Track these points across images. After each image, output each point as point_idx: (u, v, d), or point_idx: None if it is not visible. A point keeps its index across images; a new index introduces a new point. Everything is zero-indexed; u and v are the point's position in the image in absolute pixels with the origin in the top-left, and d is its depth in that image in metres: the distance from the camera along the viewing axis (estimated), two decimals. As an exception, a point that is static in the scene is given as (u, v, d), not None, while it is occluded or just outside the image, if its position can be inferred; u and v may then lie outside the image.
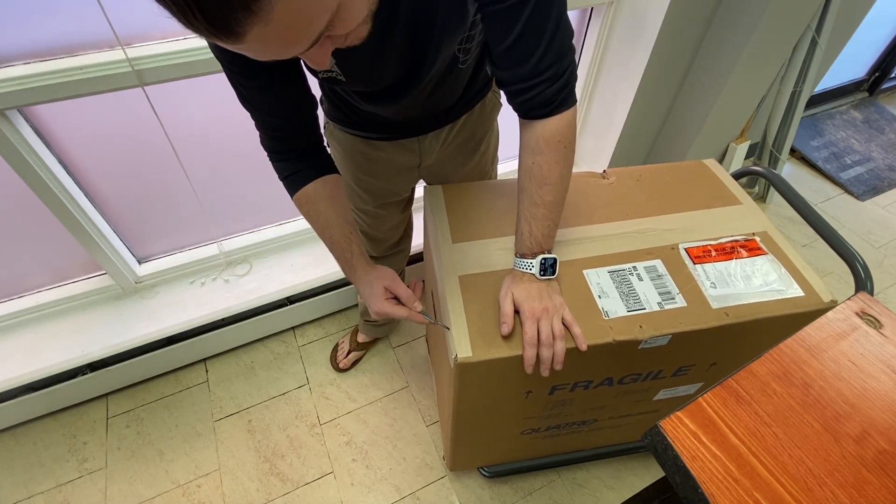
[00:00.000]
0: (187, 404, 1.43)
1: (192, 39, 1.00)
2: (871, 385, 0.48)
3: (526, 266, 0.76)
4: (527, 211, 0.74)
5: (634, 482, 1.29)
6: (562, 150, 0.70)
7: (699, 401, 0.47)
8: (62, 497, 1.26)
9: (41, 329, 1.34)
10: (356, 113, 0.85)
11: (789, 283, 0.81)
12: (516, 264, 0.77)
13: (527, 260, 0.76)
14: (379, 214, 1.07)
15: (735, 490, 0.42)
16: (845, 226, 1.99)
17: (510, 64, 0.64)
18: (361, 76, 0.69)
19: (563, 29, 0.62)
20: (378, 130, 0.89)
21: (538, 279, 0.75)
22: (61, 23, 0.91)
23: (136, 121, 1.09)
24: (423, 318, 0.75)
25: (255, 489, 1.27)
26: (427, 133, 0.91)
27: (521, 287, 0.75)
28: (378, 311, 0.75)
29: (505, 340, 0.75)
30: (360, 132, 0.90)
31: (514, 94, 0.68)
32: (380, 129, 0.88)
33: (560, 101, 0.67)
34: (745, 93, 1.60)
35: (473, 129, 0.96)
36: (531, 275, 0.76)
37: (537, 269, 0.75)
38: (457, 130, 0.94)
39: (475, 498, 1.26)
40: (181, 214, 1.35)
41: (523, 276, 0.76)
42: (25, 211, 1.14)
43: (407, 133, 0.90)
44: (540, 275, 0.75)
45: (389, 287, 0.76)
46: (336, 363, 1.50)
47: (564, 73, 0.65)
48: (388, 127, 0.88)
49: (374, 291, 0.76)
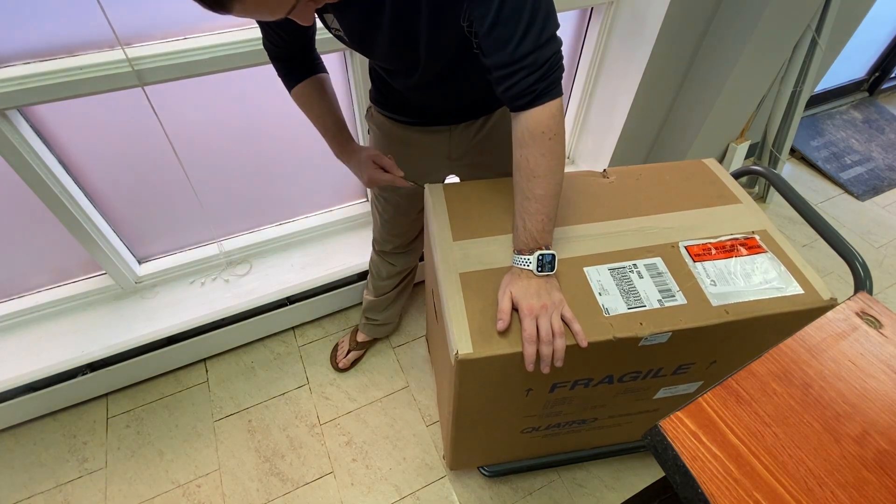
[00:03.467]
0: (187, 404, 1.43)
1: (192, 39, 1.00)
2: (871, 385, 0.48)
3: (523, 262, 0.75)
4: (520, 206, 0.75)
5: (634, 482, 1.29)
6: (546, 143, 0.70)
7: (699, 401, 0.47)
8: (62, 497, 1.26)
9: (41, 329, 1.34)
10: (392, 94, 0.92)
11: (789, 281, 0.81)
12: (514, 261, 0.77)
13: (524, 256, 0.75)
14: (401, 205, 1.11)
15: (735, 490, 0.42)
16: (845, 226, 1.99)
17: (490, 49, 0.66)
18: (356, 39, 0.75)
19: (542, 16, 0.63)
20: (411, 115, 0.95)
21: (536, 275, 0.75)
22: (61, 23, 0.91)
23: (136, 121, 1.09)
24: (405, 181, 0.90)
25: (255, 489, 1.27)
26: (458, 123, 0.95)
27: (519, 284, 0.75)
28: (369, 177, 0.90)
29: (503, 337, 0.75)
30: (396, 115, 0.96)
31: (496, 81, 0.69)
32: (412, 113, 0.94)
33: (541, 92, 0.67)
34: (745, 93, 1.60)
35: (504, 125, 0.96)
36: (529, 271, 0.75)
37: (535, 266, 0.74)
38: (490, 126, 0.96)
39: (475, 498, 1.26)
40: (181, 214, 1.35)
41: (521, 273, 0.76)
42: (26, 211, 1.14)
43: (437, 121, 0.94)
44: (538, 271, 0.74)
45: (375, 158, 0.90)
46: (335, 363, 1.50)
47: (545, 63, 0.66)
48: (419, 112, 0.93)
49: (363, 160, 0.91)
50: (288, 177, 1.40)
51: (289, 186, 1.43)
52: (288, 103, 0.92)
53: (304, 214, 1.54)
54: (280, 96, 0.92)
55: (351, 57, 1.18)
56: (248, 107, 1.20)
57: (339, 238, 1.56)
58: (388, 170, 0.90)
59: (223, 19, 1.01)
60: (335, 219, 1.55)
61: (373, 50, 0.77)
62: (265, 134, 1.26)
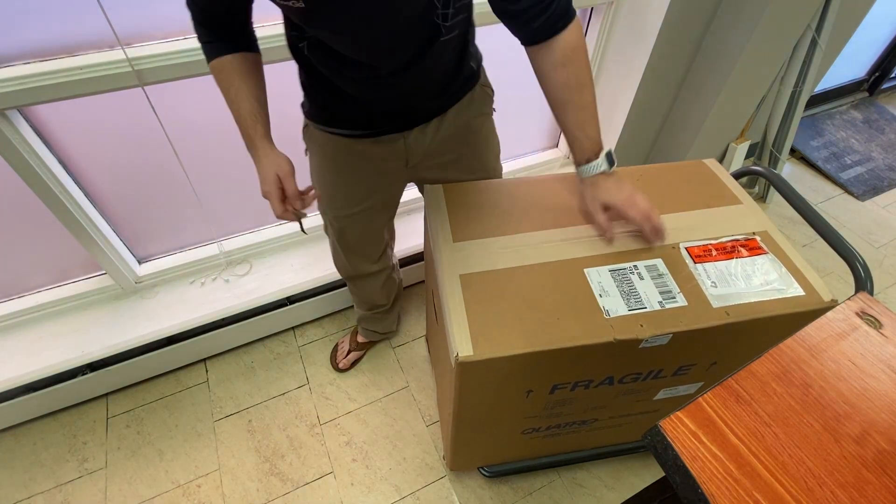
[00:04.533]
0: (187, 404, 1.43)
1: (192, 39, 1.00)
2: (871, 385, 0.48)
3: (595, 168, 0.83)
4: (575, 120, 0.81)
5: (634, 482, 1.29)
6: (583, 54, 0.78)
7: (699, 401, 0.47)
8: (62, 497, 1.26)
9: (41, 329, 1.34)
10: (337, 101, 0.85)
11: (789, 283, 0.81)
12: (586, 171, 0.84)
13: (594, 162, 0.83)
14: (358, 221, 1.05)
15: (735, 490, 0.42)
16: (845, 226, 1.99)
17: None
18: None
19: None
20: (358, 125, 0.89)
21: (608, 173, 0.84)
22: (61, 23, 0.91)
23: (135, 121, 1.09)
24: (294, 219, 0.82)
25: (255, 489, 1.27)
26: (412, 128, 0.90)
27: (603, 188, 0.84)
28: (263, 193, 0.81)
29: (608, 242, 0.80)
30: (341, 129, 0.90)
31: (535, 15, 0.73)
32: (361, 122, 0.88)
33: (572, 10, 0.75)
34: (745, 93, 1.60)
35: (467, 121, 0.95)
36: (602, 173, 0.83)
37: (606, 165, 0.83)
38: (446, 124, 0.92)
39: (475, 498, 1.26)
40: (181, 214, 1.35)
41: (597, 179, 0.84)
42: (26, 211, 1.14)
43: (390, 128, 0.90)
44: (608, 168, 0.83)
45: (282, 178, 0.80)
46: (336, 363, 1.50)
47: None
48: (368, 119, 0.88)
49: (267, 176, 0.80)
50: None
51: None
52: (288, 103, 0.91)
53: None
54: (280, 96, 0.91)
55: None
56: (249, 107, 1.19)
57: (339, 238, 1.56)
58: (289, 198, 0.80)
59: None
60: (335, 219, 1.55)
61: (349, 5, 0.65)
62: (265, 134, 1.26)
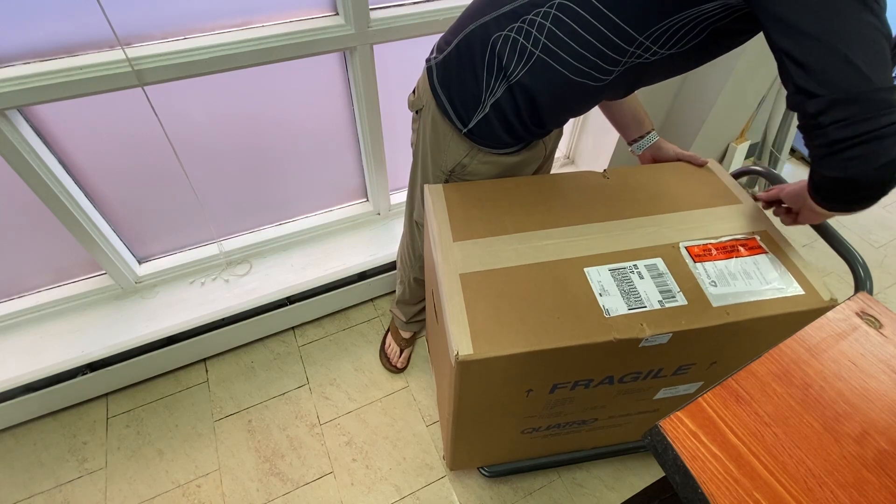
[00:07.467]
0: (187, 404, 1.43)
1: (192, 39, 1.00)
2: (871, 385, 0.48)
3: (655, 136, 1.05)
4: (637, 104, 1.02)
5: (634, 482, 1.29)
6: None
7: (699, 401, 0.47)
8: (62, 497, 1.26)
9: (41, 329, 1.33)
10: (533, 121, 0.85)
11: (789, 282, 0.81)
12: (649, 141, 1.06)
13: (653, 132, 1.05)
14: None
15: (735, 490, 0.42)
16: (845, 226, 1.99)
17: None
18: None
19: None
20: (537, 134, 0.90)
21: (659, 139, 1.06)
22: (61, 23, 0.91)
23: (136, 121, 1.09)
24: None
25: (255, 489, 1.27)
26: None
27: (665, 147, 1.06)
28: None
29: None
30: (508, 149, 0.92)
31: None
32: (539, 132, 0.90)
33: None
34: (745, 93, 1.60)
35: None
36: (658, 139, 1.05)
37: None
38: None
39: (475, 498, 1.26)
40: (181, 214, 1.35)
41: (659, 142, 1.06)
42: (25, 211, 1.14)
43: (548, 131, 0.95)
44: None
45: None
46: (394, 365, 1.49)
47: None
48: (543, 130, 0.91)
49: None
50: (288, 177, 1.40)
51: (289, 186, 1.43)
52: (287, 103, 0.91)
53: (304, 214, 1.54)
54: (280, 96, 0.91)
55: (350, 56, 1.17)
56: (248, 107, 1.19)
57: (339, 238, 1.56)
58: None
59: (223, 20, 1.01)
60: (335, 219, 1.54)
61: None
62: (265, 134, 1.26)
